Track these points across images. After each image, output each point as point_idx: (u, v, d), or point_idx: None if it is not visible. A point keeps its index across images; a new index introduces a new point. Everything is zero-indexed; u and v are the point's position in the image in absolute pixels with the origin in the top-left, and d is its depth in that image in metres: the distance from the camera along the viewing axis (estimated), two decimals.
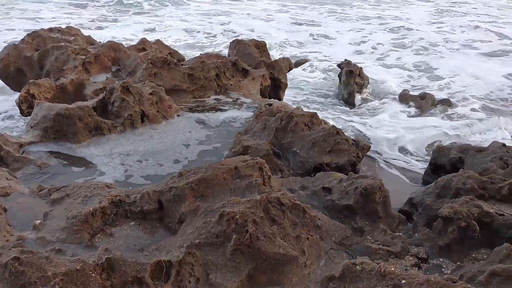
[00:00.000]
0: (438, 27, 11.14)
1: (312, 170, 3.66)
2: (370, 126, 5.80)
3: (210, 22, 11.33)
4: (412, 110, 5.97)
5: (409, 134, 5.54)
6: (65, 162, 3.66)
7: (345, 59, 6.56)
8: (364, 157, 3.97)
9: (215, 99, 5.08)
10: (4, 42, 8.13)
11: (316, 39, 10.25)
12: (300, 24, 11.50)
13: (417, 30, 10.89)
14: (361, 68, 6.33)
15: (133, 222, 2.53)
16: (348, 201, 2.84)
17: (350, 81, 6.06)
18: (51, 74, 5.29)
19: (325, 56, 8.82)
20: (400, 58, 8.81)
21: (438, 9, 13.05)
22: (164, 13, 12.49)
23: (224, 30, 10.69)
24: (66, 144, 3.93)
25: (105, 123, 4.08)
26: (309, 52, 9.16)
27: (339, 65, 6.42)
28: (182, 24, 11.23)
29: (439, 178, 3.11)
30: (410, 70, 8.05)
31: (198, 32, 10.52)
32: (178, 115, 4.59)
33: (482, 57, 8.92)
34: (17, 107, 5.22)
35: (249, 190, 2.53)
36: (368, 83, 6.48)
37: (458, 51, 9.29)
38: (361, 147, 3.83)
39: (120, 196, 2.56)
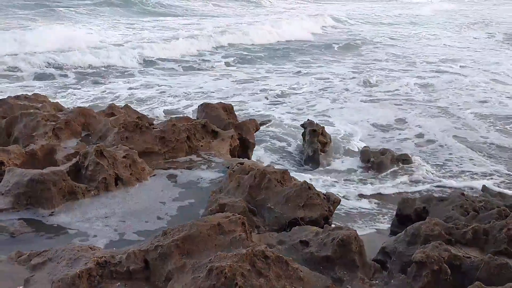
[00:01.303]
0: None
1: (287, 225, 3.78)
2: (334, 182, 6.05)
3: (170, 86, 11.67)
4: (371, 172, 6.33)
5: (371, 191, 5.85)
6: (39, 228, 3.62)
7: (308, 119, 6.90)
8: (335, 210, 4.14)
9: (186, 160, 5.19)
10: None
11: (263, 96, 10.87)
12: (250, 82, 12.10)
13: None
14: (323, 127, 6.67)
15: (119, 283, 2.54)
16: (327, 252, 2.96)
17: (314, 139, 6.36)
18: (20, 140, 5.27)
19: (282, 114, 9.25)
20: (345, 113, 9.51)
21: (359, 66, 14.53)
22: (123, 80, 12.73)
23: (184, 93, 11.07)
24: (39, 210, 3.89)
25: (79, 187, 4.09)
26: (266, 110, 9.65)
27: (302, 125, 6.74)
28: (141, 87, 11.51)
29: (408, 227, 3.30)
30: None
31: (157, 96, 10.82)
32: (151, 176, 4.65)
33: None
34: None
35: (234, 245, 2.61)
36: (330, 141, 6.80)
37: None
38: (332, 201, 4.01)
39: (105, 257, 2.58)
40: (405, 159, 6.43)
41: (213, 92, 10.98)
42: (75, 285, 2.39)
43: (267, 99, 10.42)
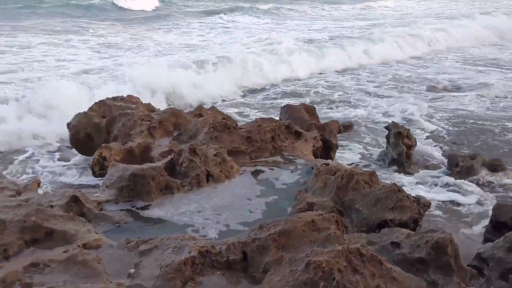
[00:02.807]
0: None
1: (376, 226, 3.77)
2: (421, 187, 5.89)
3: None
4: (459, 177, 6.04)
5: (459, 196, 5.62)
6: (140, 218, 3.92)
7: (392, 121, 6.78)
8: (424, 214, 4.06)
9: (271, 159, 5.33)
10: None
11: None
12: None
13: None
14: (408, 129, 6.51)
15: (219, 272, 2.70)
16: (420, 254, 2.93)
17: (399, 142, 6.24)
18: (119, 138, 5.71)
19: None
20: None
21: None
22: None
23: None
24: (138, 202, 4.21)
25: (175, 183, 4.35)
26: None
27: (386, 127, 6.63)
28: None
29: (507, 233, 3.17)
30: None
31: None
32: (239, 174, 4.84)
33: None
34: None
35: (329, 242, 2.68)
36: (416, 144, 6.62)
37: None
38: (422, 204, 3.94)
39: (206, 247, 2.75)
40: (497, 164, 6.10)
41: None
42: (181, 271, 2.58)
43: None
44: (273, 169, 5.08)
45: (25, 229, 3.17)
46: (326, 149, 6.08)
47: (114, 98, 7.11)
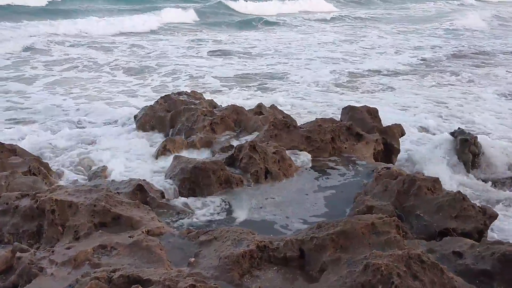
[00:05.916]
0: None
1: (437, 234, 3.66)
2: (487, 196, 5.64)
3: None
4: None
5: None
6: (202, 210, 4.03)
7: (458, 127, 6.53)
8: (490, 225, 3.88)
9: (330, 160, 5.30)
10: None
11: None
12: None
13: None
14: (475, 136, 6.24)
15: (275, 267, 2.74)
16: (485, 266, 2.82)
17: (465, 150, 5.99)
18: (182, 132, 5.90)
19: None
20: None
21: None
22: None
23: None
24: (199, 195, 4.33)
25: (234, 177, 4.45)
26: None
27: (451, 133, 6.39)
28: None
29: None
30: None
31: None
32: (297, 174, 4.85)
33: None
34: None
35: (388, 246, 2.64)
36: (483, 152, 6.32)
37: None
38: (488, 215, 3.77)
39: (264, 241, 2.80)
40: None
41: None
42: (239, 263, 2.64)
43: None
44: (332, 170, 5.05)
45: (94, 212, 3.37)
46: (388, 153, 5.95)
47: (179, 93, 7.36)
